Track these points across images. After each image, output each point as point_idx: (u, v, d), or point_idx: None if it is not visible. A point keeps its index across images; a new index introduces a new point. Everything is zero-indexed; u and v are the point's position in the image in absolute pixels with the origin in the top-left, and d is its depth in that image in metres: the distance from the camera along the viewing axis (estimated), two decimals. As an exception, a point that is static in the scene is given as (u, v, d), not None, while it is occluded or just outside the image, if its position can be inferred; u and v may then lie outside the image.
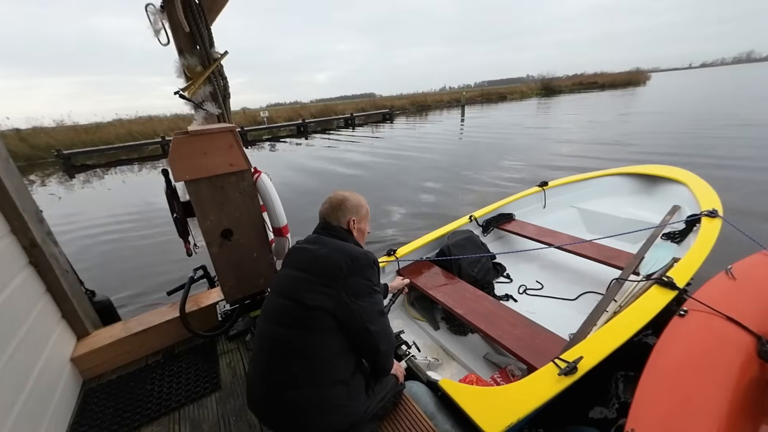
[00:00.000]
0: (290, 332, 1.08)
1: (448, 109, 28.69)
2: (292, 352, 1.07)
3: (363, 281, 1.13)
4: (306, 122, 20.83)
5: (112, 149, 15.56)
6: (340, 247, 1.18)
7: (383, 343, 1.15)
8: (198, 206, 1.72)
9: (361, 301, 1.10)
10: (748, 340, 1.42)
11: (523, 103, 28.13)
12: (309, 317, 1.07)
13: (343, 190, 1.37)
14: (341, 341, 1.09)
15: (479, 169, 7.61)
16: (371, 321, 1.11)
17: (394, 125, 20.10)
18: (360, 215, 1.34)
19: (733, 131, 8.65)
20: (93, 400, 1.66)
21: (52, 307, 1.73)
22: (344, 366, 1.12)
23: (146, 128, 18.39)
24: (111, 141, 16.45)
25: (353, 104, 30.07)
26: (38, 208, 1.77)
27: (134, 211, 6.71)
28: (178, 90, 1.85)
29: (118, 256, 4.67)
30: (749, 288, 1.72)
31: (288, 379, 1.06)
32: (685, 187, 3.02)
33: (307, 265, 1.16)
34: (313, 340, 1.07)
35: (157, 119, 22.06)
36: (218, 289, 2.18)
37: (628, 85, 38.25)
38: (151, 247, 4.85)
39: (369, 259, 1.17)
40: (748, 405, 1.30)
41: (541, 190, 3.51)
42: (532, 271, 2.87)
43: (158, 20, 1.77)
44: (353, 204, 1.32)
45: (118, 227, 5.80)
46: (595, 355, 1.43)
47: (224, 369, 1.81)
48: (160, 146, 15.99)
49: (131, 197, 7.99)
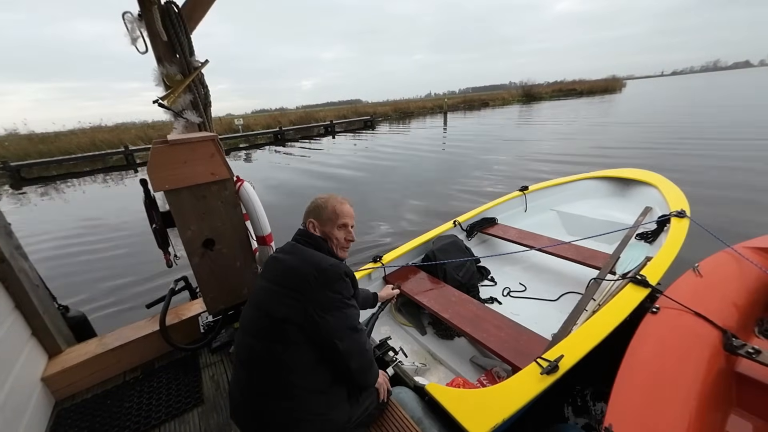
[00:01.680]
0: (263, 344, 1.06)
1: (431, 116, 28.62)
2: (268, 364, 1.06)
3: (331, 294, 1.07)
4: (283, 130, 20.17)
5: (71, 160, 14.22)
6: (310, 257, 1.13)
7: (354, 361, 1.09)
8: (178, 216, 1.69)
9: (329, 316, 1.05)
10: (715, 334, 1.50)
11: (505, 110, 28.47)
12: (278, 329, 1.05)
13: (327, 194, 1.31)
14: (314, 353, 1.06)
15: (457, 182, 7.09)
16: (340, 338, 1.05)
17: (376, 133, 19.84)
18: (321, 218, 1.25)
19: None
20: (66, 422, 1.59)
21: (21, 324, 1.65)
22: (321, 377, 1.09)
23: (112, 137, 17.13)
24: (72, 151, 15.16)
25: (335, 111, 29.45)
26: (6, 221, 1.70)
27: (86, 226, 6.23)
28: (157, 99, 1.82)
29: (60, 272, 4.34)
30: (715, 284, 1.82)
31: (265, 390, 1.05)
32: (655, 189, 3.18)
33: (277, 277, 1.13)
34: (286, 352, 1.04)
35: (124, 127, 20.87)
36: (200, 300, 2.12)
37: (605, 92, 39.69)
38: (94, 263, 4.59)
39: (338, 271, 1.11)
40: (717, 395, 1.37)
41: (522, 194, 3.62)
42: (516, 273, 2.94)
43: (136, 28, 1.74)
44: (315, 205, 1.27)
45: (60, 243, 5.43)
46: (576, 354, 1.47)
47: (207, 382, 1.76)
48: (124, 156, 14.78)
49: (85, 211, 7.33)
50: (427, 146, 12.74)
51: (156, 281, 3.82)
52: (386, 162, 10.28)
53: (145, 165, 1.58)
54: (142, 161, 14.89)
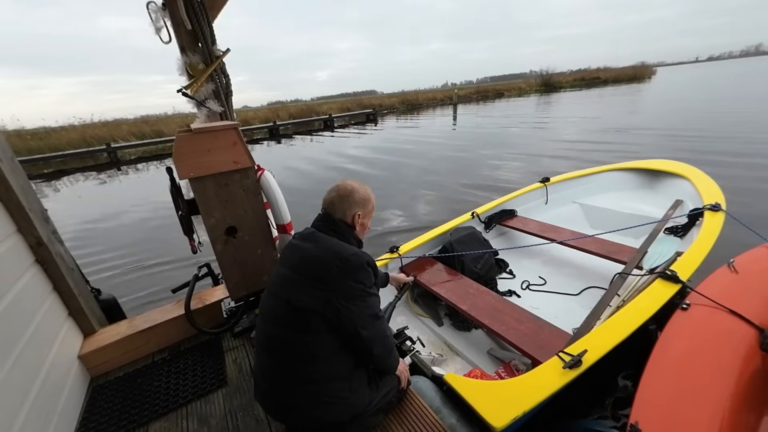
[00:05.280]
0: (285, 332, 1.08)
1: (441, 107, 26.92)
2: (289, 351, 1.07)
3: (354, 284, 1.07)
4: (278, 125, 19.25)
5: (59, 157, 13.62)
6: (333, 246, 1.12)
7: (376, 347, 1.11)
8: (202, 204, 1.73)
9: (352, 305, 1.05)
10: (751, 332, 1.43)
11: (520, 101, 26.75)
12: (300, 319, 1.06)
13: (352, 180, 1.28)
14: (336, 340, 1.07)
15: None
16: (363, 326, 1.06)
17: (378, 127, 18.72)
18: (366, 210, 1.25)
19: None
20: (101, 397, 1.68)
21: (58, 305, 1.75)
22: (343, 363, 1.11)
23: (103, 132, 16.49)
24: (62, 148, 14.66)
25: (338, 104, 28.11)
26: (43, 207, 1.78)
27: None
28: (180, 88, 1.85)
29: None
30: (751, 281, 1.73)
31: (289, 376, 1.08)
32: (687, 181, 3.02)
33: (297, 265, 1.12)
34: (308, 339, 1.06)
35: (114, 123, 19.97)
36: (223, 286, 2.19)
37: (633, 81, 37.29)
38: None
39: (361, 260, 1.10)
40: (750, 397, 1.31)
41: (543, 186, 3.51)
42: (535, 266, 2.88)
43: (159, 18, 1.76)
44: (361, 197, 1.23)
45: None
46: (600, 349, 1.43)
47: (230, 365, 1.82)
48: (107, 153, 14.18)
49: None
50: (421, 146, 11.23)
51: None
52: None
53: (132, 163, 1.59)
54: (131, 158, 14.24)
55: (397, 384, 1.35)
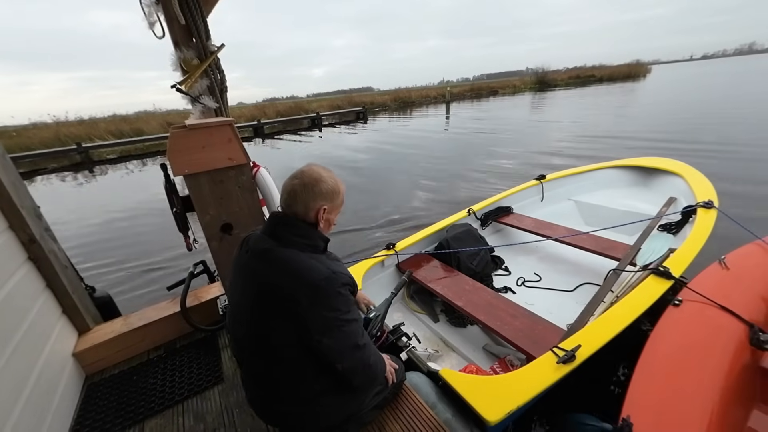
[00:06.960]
0: (262, 363, 0.99)
1: (434, 105, 25.98)
2: (270, 379, 1.01)
3: (327, 314, 0.91)
4: (262, 123, 17.96)
5: (28, 157, 12.61)
6: (297, 270, 0.92)
7: (357, 379, 1.02)
8: (197, 201, 1.72)
9: (326, 339, 0.91)
10: (741, 328, 1.45)
11: (515, 99, 26.13)
12: (272, 352, 0.96)
13: (320, 166, 1.03)
14: (316, 364, 0.97)
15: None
16: (340, 360, 0.95)
17: (368, 125, 17.92)
18: (334, 204, 1.04)
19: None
20: (96, 395, 1.68)
21: (52, 302, 1.73)
22: (326, 379, 1.01)
23: (79, 131, 15.46)
24: (34, 147, 13.68)
25: (328, 101, 26.74)
26: (36, 204, 1.76)
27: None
28: (175, 84, 1.83)
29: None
30: (742, 277, 1.76)
31: (275, 395, 1.03)
32: (681, 178, 3.05)
33: (258, 295, 0.95)
34: (286, 369, 0.98)
35: (90, 121, 18.74)
36: (219, 283, 2.18)
37: (628, 78, 37.28)
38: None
39: (334, 284, 0.92)
40: (740, 391, 1.33)
41: (539, 183, 3.53)
42: (530, 263, 2.90)
43: (153, 12, 1.74)
44: (330, 188, 1.00)
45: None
46: (593, 344, 1.45)
47: (226, 362, 1.82)
48: (77, 153, 13.35)
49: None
50: (409, 144, 10.84)
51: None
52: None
53: (107, 163, 1.55)
54: (105, 159, 13.48)
55: (386, 382, 1.31)
